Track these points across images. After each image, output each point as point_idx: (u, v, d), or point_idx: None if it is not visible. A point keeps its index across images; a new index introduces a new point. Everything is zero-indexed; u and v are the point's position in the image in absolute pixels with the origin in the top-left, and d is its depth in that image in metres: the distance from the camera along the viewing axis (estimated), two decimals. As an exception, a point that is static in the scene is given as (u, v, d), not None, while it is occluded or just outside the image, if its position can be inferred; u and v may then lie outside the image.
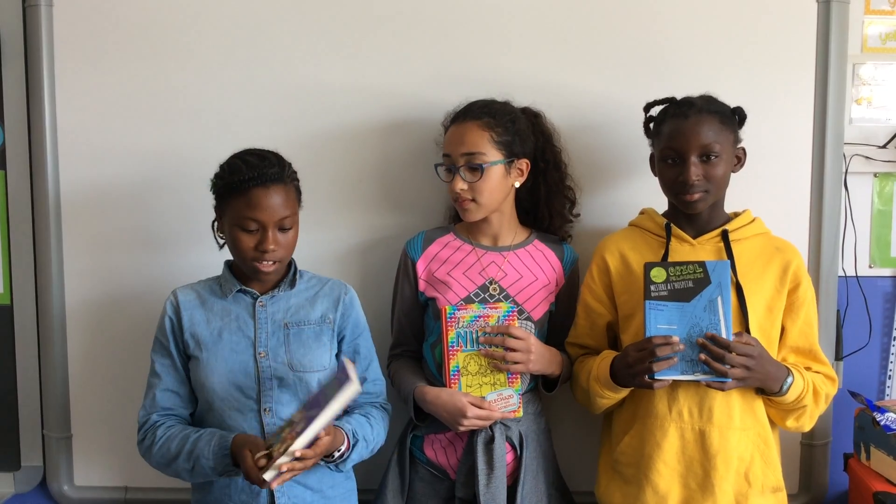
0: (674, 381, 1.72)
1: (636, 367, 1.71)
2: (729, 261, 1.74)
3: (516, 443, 1.87)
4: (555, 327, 1.98)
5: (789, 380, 1.74)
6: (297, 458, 1.55)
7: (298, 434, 1.53)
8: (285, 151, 1.77)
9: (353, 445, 1.71)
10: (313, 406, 1.57)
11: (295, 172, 1.77)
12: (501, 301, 1.88)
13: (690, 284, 1.71)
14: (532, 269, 1.93)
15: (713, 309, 1.70)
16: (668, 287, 1.71)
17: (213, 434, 1.68)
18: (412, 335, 1.99)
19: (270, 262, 1.70)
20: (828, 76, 2.07)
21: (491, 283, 1.90)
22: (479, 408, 1.79)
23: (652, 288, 1.72)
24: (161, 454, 1.71)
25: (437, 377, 1.89)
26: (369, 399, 1.83)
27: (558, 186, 1.99)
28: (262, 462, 1.56)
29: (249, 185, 1.66)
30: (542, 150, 1.95)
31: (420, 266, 1.94)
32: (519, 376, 1.83)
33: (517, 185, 1.92)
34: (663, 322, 1.71)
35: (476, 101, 1.90)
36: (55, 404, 2.16)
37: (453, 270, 1.92)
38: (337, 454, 1.68)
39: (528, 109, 1.97)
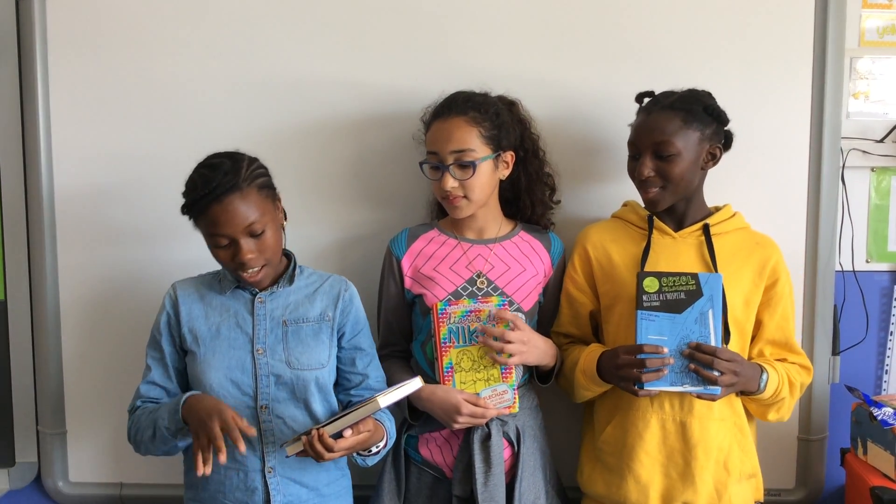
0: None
1: (624, 371, 1.71)
2: (721, 275, 1.74)
3: (513, 438, 1.86)
4: (544, 318, 1.97)
5: (764, 376, 1.77)
6: (311, 444, 1.57)
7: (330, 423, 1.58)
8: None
9: (386, 445, 1.74)
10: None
11: (257, 169, 1.69)
12: (492, 295, 1.87)
13: (683, 296, 1.71)
14: (520, 259, 1.92)
15: (704, 322, 1.70)
16: (661, 298, 1.71)
17: (175, 397, 1.69)
18: (400, 334, 1.96)
19: (255, 270, 1.68)
20: (825, 70, 2.06)
21: (478, 276, 1.89)
22: (475, 405, 1.78)
23: (644, 298, 1.71)
24: (136, 430, 1.73)
25: (431, 375, 1.87)
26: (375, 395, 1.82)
27: (538, 174, 1.97)
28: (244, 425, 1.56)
29: (203, 203, 1.62)
30: (520, 138, 1.93)
31: (405, 263, 1.92)
32: (513, 371, 1.81)
33: (503, 178, 1.91)
34: (654, 332, 1.71)
35: (456, 94, 1.87)
36: (49, 400, 2.16)
37: (439, 266, 1.90)
38: (375, 450, 1.70)
39: (504, 98, 1.95)
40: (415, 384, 1.63)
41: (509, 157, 1.89)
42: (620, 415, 1.85)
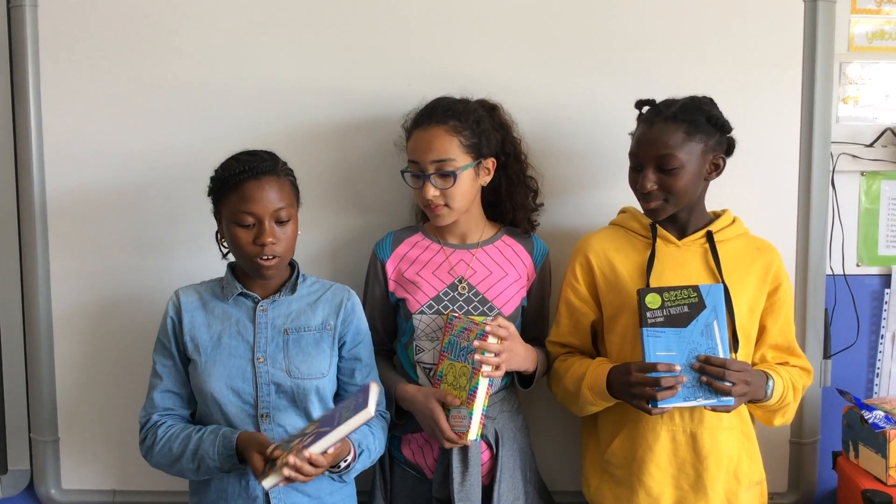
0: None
1: (636, 388, 1.67)
2: (722, 284, 1.74)
3: (492, 441, 1.86)
4: (527, 321, 1.97)
5: (770, 383, 1.75)
6: (298, 468, 1.54)
7: (306, 446, 1.53)
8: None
9: (358, 456, 1.71)
10: (326, 423, 1.58)
11: (291, 170, 1.76)
12: (473, 300, 1.88)
13: (686, 309, 1.70)
14: (502, 264, 1.92)
15: (710, 333, 1.69)
16: (664, 313, 1.70)
17: (216, 433, 1.67)
18: (385, 334, 1.98)
19: (271, 257, 1.68)
20: (815, 75, 2.07)
21: (460, 281, 1.90)
22: (449, 410, 1.79)
23: (648, 315, 1.70)
24: (162, 454, 1.71)
25: (413, 376, 1.90)
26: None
27: (519, 178, 1.97)
28: (278, 454, 1.55)
29: (241, 178, 1.66)
30: (501, 143, 1.93)
31: (389, 267, 1.94)
32: (476, 398, 1.76)
33: (485, 184, 1.91)
34: (661, 349, 1.69)
35: (436, 102, 1.87)
36: (42, 407, 2.15)
37: (422, 270, 1.91)
38: (343, 464, 1.68)
39: (485, 102, 1.95)
40: (366, 414, 1.53)
41: (490, 163, 1.90)
42: (629, 427, 1.83)
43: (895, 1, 2.17)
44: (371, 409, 1.52)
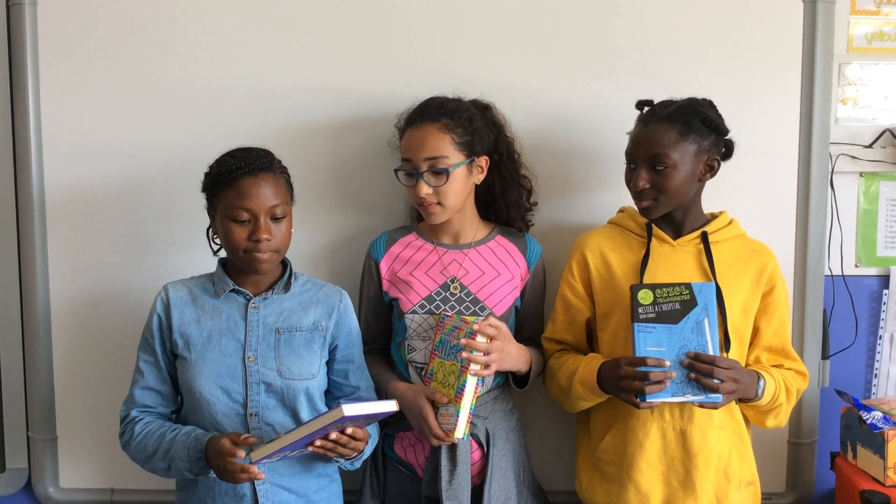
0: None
1: (625, 382, 1.69)
2: (714, 283, 1.75)
3: (483, 440, 1.86)
4: (521, 322, 1.98)
5: (761, 383, 1.76)
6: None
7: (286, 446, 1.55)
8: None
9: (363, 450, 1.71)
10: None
11: (285, 167, 1.76)
12: (465, 301, 1.88)
13: (677, 306, 1.71)
14: (494, 264, 1.93)
15: (700, 331, 1.71)
16: (656, 309, 1.71)
17: (189, 436, 1.67)
18: (380, 334, 1.99)
19: (265, 253, 1.68)
20: (814, 76, 2.07)
21: (452, 281, 1.90)
22: (438, 408, 1.79)
23: (640, 310, 1.71)
24: (138, 450, 1.72)
25: (405, 375, 1.90)
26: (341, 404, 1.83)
27: (513, 177, 1.98)
28: (253, 440, 1.57)
29: (237, 174, 1.66)
30: (494, 142, 1.94)
31: (383, 266, 1.95)
32: (463, 397, 1.76)
33: (478, 182, 1.92)
34: (652, 344, 1.70)
35: (429, 100, 1.89)
36: (40, 406, 2.15)
37: (415, 270, 1.92)
38: (363, 445, 1.68)
39: (478, 102, 1.96)
40: (389, 406, 1.60)
41: (483, 161, 1.90)
42: (619, 424, 1.84)
43: (894, 2, 2.18)
44: (342, 408, 1.50)
